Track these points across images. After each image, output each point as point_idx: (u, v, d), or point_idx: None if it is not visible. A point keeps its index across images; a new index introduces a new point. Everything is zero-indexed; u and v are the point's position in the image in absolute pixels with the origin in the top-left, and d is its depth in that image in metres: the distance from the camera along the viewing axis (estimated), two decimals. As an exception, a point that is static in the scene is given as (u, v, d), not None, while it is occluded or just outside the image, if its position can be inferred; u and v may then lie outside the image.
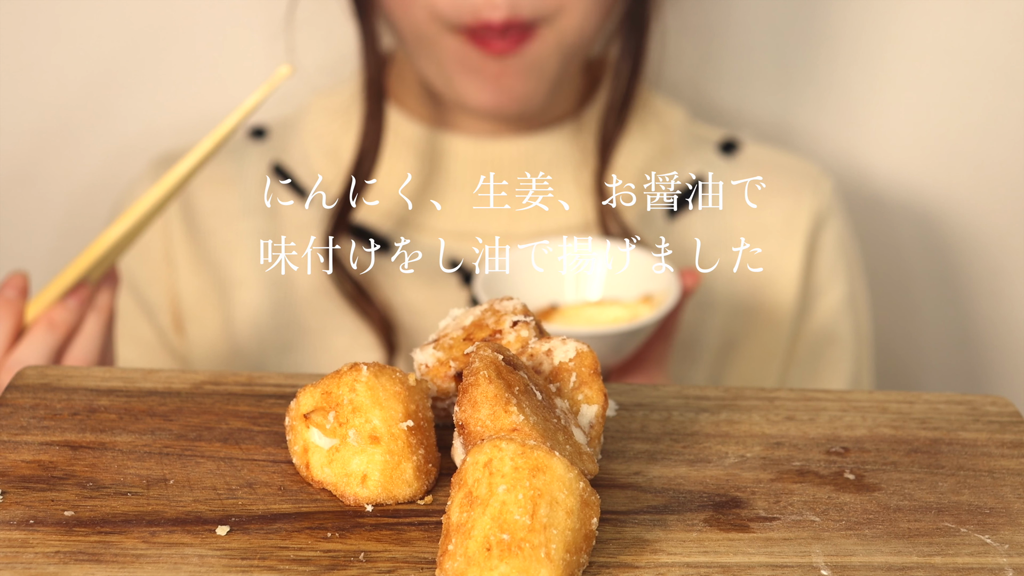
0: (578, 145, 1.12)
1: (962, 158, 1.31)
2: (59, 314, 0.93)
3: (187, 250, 1.13)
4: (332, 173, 1.12)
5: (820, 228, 1.15)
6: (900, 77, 1.29)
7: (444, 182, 1.12)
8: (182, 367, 1.12)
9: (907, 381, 1.36)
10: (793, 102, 1.30)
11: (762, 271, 1.14)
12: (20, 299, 0.93)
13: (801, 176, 1.16)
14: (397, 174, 1.11)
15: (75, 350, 0.94)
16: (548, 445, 0.61)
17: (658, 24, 1.12)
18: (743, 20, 1.27)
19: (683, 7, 1.25)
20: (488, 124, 1.12)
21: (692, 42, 1.27)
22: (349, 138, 1.12)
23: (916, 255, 1.33)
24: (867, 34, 1.28)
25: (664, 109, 1.16)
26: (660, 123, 1.15)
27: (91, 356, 0.95)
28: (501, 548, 0.58)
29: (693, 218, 1.14)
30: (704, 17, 1.27)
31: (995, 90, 1.29)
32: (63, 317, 0.93)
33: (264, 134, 1.17)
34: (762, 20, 1.27)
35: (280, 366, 1.11)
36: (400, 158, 1.12)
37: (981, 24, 1.27)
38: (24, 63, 1.26)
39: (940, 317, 1.35)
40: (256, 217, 1.13)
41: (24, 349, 0.92)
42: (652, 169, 1.14)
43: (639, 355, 1.02)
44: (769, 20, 1.28)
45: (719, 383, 1.14)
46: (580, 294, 1.03)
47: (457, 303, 1.10)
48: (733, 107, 1.30)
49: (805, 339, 1.15)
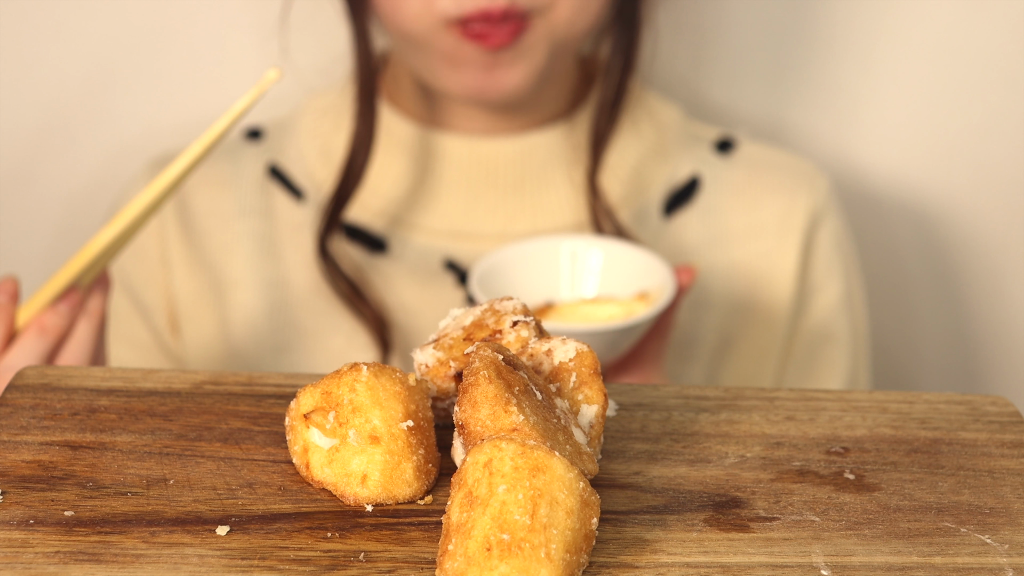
0: (571, 144, 1.12)
1: (959, 156, 1.31)
2: (50, 319, 0.93)
3: (183, 251, 1.13)
4: (326, 173, 1.12)
5: (816, 226, 1.15)
6: (896, 74, 1.29)
7: (438, 181, 1.12)
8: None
9: (905, 380, 1.36)
10: (788, 100, 1.30)
11: (758, 269, 1.14)
12: (11, 304, 0.94)
13: (797, 174, 1.16)
14: (390, 173, 1.12)
15: (66, 355, 0.95)
16: (548, 445, 0.61)
17: (650, 22, 1.12)
18: (738, 18, 1.27)
19: (677, 4, 1.25)
20: (481, 123, 1.12)
21: (686, 40, 1.27)
22: (342, 138, 1.12)
23: (912, 254, 1.33)
24: (862, 31, 1.28)
25: (659, 107, 1.16)
26: (655, 121, 1.15)
27: (82, 360, 0.95)
28: (501, 548, 0.58)
29: (689, 216, 1.14)
30: (698, 15, 1.27)
31: (992, 88, 1.29)
32: (54, 322, 0.93)
33: (260, 135, 1.17)
34: (757, 18, 1.28)
35: (276, 366, 1.11)
36: (393, 157, 1.12)
37: (978, 21, 1.27)
38: (21, 63, 1.26)
39: (937, 316, 1.35)
40: (252, 218, 1.13)
41: (15, 354, 0.93)
42: (646, 168, 1.14)
43: (635, 353, 1.02)
44: (764, 18, 1.28)
45: (715, 381, 1.15)
46: (576, 292, 1.03)
47: (451, 302, 1.10)
48: (727, 105, 1.30)
49: (801, 337, 1.15)
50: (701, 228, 1.14)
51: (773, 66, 1.29)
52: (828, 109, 1.30)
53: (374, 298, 1.10)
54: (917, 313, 1.35)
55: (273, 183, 1.14)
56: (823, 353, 1.15)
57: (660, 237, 1.13)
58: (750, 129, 1.27)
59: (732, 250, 1.14)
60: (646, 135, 1.14)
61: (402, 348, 1.11)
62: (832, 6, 1.27)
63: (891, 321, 1.35)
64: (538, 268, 1.04)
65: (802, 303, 1.15)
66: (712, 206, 1.14)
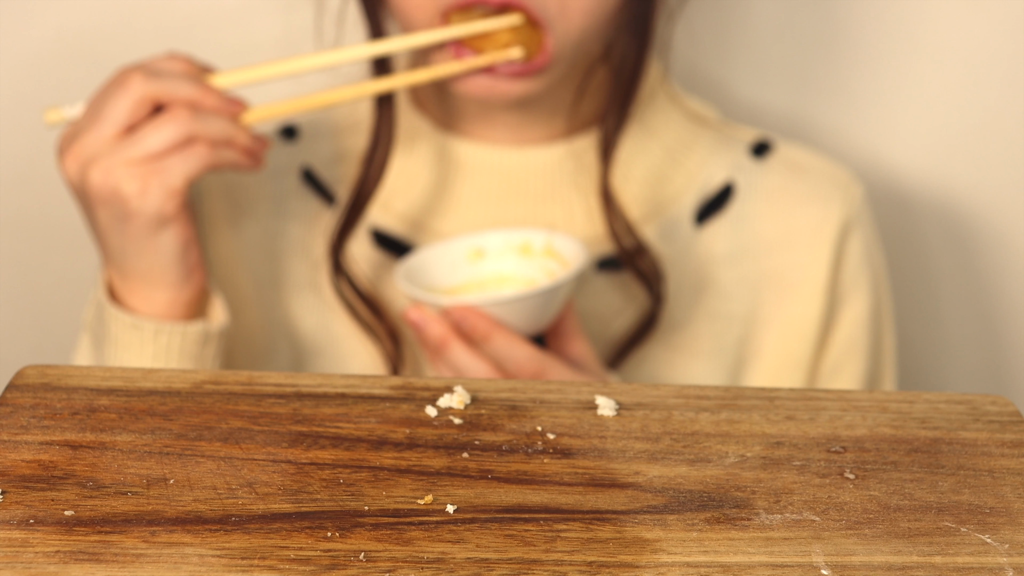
0: (597, 154, 1.10)
1: (991, 157, 1.28)
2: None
3: (227, 245, 1.11)
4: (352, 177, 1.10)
5: (846, 236, 1.12)
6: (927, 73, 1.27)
7: (457, 189, 1.10)
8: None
9: (936, 386, 1.34)
10: (816, 99, 1.28)
11: (788, 280, 1.11)
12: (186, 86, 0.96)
13: (832, 182, 1.13)
14: (412, 176, 1.10)
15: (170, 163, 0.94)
16: None
17: (668, 23, 1.10)
18: (764, 17, 1.26)
19: (702, 4, 1.24)
20: (502, 132, 1.10)
21: (711, 40, 1.26)
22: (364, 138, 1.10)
23: (943, 256, 1.31)
24: (894, 29, 1.26)
25: (695, 109, 1.14)
26: (690, 124, 1.13)
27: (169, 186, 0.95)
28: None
29: (720, 225, 1.11)
30: (723, 14, 1.26)
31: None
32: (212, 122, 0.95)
33: (295, 134, 1.14)
34: (783, 16, 1.26)
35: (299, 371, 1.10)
36: (414, 163, 1.10)
37: (1014, 19, 1.25)
38: (23, 63, 1.26)
39: (969, 320, 1.33)
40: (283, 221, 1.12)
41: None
42: (677, 173, 1.11)
43: (559, 347, 1.01)
44: (790, 16, 1.26)
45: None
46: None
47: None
48: (753, 105, 1.28)
49: (827, 351, 1.13)
50: (732, 237, 1.11)
51: (800, 65, 1.27)
52: (858, 109, 1.28)
53: (387, 301, 1.09)
54: (948, 317, 1.34)
55: (306, 187, 1.12)
56: (845, 368, 1.13)
57: (691, 246, 1.10)
58: (777, 131, 1.25)
59: (762, 260, 1.11)
60: (677, 139, 1.12)
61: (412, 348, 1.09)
62: (859, 3, 1.26)
63: (921, 326, 1.33)
64: (460, 261, 1.05)
65: (830, 316, 1.13)
66: (745, 214, 1.11)
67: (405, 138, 1.10)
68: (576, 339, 1.01)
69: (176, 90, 0.95)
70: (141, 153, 0.94)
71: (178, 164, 0.94)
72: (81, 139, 0.95)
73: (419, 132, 1.11)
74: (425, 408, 0.73)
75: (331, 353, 1.10)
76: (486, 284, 1.04)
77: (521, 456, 0.69)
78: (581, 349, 1.01)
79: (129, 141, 0.94)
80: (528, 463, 0.69)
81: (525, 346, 0.96)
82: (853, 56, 1.28)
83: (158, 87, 0.95)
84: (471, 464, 0.68)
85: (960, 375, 1.35)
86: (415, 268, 1.02)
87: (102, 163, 0.94)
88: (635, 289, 1.10)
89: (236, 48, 1.26)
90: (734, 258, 1.11)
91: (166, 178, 0.94)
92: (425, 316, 0.98)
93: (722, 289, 1.11)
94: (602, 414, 0.73)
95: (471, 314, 0.96)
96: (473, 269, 1.04)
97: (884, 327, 1.15)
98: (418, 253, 1.03)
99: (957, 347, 1.35)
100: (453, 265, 1.04)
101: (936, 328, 1.34)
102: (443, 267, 1.03)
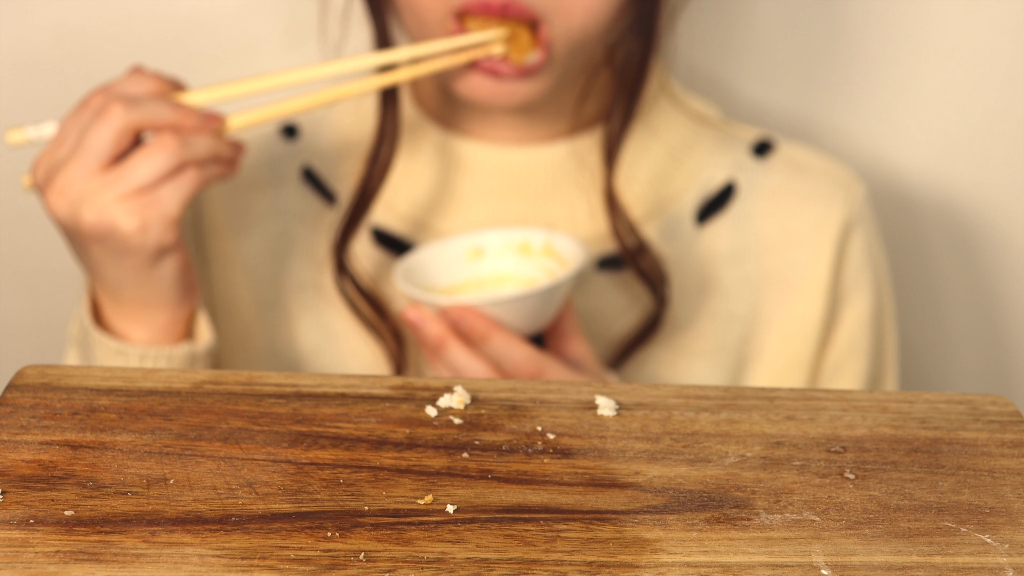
0: (600, 155, 1.10)
1: (994, 156, 1.28)
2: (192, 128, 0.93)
3: (224, 251, 1.11)
4: (355, 176, 1.10)
5: (848, 236, 1.12)
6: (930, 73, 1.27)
7: (460, 188, 1.10)
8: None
9: (938, 386, 1.34)
10: (819, 98, 1.28)
11: (789, 280, 1.11)
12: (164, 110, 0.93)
13: (834, 181, 1.13)
14: (415, 175, 1.10)
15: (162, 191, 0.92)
16: None
17: (671, 21, 1.10)
18: (765, 17, 1.26)
19: (705, 4, 1.24)
20: (505, 132, 1.10)
21: (714, 39, 1.26)
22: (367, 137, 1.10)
23: (945, 255, 1.31)
24: (897, 28, 1.26)
25: (697, 108, 1.14)
26: (691, 124, 1.13)
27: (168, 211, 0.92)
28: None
29: (722, 224, 1.11)
30: (725, 14, 1.26)
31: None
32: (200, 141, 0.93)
33: (295, 133, 1.14)
34: (787, 16, 1.26)
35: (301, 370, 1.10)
36: (417, 159, 1.10)
37: (1018, 17, 1.25)
38: (24, 62, 1.26)
39: (972, 320, 1.33)
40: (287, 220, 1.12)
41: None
42: (678, 173, 1.11)
43: (558, 348, 1.01)
44: (791, 16, 1.26)
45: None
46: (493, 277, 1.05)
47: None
48: (756, 105, 1.28)
49: (828, 351, 1.13)
50: (733, 236, 1.11)
51: (802, 65, 1.27)
52: (860, 109, 1.28)
53: (388, 299, 1.09)
54: (950, 317, 1.34)
55: (307, 186, 1.12)
56: (846, 368, 1.13)
57: (692, 246, 1.10)
58: (779, 129, 1.25)
59: (764, 259, 1.11)
60: (679, 138, 1.12)
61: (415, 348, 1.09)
62: (866, 4, 1.26)
63: (923, 325, 1.33)
64: (458, 260, 1.05)
65: (831, 315, 1.13)
66: (746, 213, 1.11)
67: (408, 137, 1.10)
68: (575, 339, 1.01)
69: (157, 116, 0.92)
70: (133, 186, 0.91)
71: (172, 193, 0.92)
72: (65, 173, 0.91)
73: (422, 131, 1.11)
74: (425, 408, 0.73)
75: (333, 352, 1.10)
76: (485, 283, 1.04)
77: (521, 456, 0.69)
78: (580, 349, 1.01)
79: (119, 174, 0.91)
80: (528, 463, 0.69)
81: (523, 346, 0.96)
82: (855, 56, 1.27)
83: (140, 116, 0.92)
84: (471, 464, 0.68)
85: (962, 375, 1.35)
86: (414, 267, 1.02)
87: (95, 201, 0.91)
88: (637, 289, 1.10)
89: (238, 47, 1.26)
90: (735, 257, 1.11)
91: (163, 209, 0.92)
92: (423, 316, 0.97)
93: (723, 288, 1.11)
94: (602, 414, 0.73)
95: (469, 314, 0.96)
96: (472, 268, 1.04)
97: (886, 327, 1.15)
98: (417, 252, 1.03)
99: (959, 347, 1.35)
100: (452, 264, 1.04)
101: (938, 328, 1.34)
102: (442, 266, 1.03)
